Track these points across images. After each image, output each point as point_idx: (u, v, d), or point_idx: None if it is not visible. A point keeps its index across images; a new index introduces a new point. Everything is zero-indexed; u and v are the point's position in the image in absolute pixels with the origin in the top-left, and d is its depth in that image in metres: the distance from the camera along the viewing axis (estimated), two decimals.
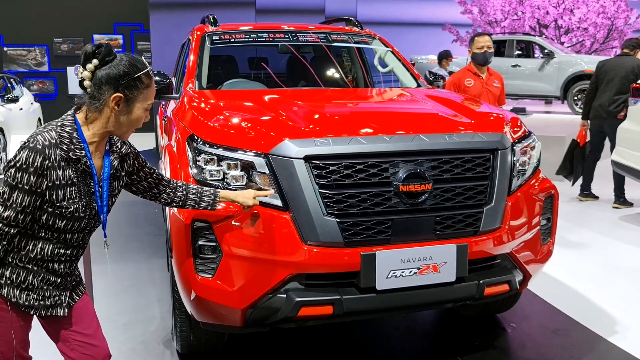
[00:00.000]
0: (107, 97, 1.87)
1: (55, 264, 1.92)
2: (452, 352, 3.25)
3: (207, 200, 2.37)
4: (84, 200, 1.91)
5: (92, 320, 2.09)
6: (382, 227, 2.54)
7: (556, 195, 3.14)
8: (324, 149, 2.52)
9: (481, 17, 19.18)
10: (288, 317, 2.51)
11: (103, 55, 1.86)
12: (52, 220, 1.86)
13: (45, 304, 1.92)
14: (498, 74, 5.14)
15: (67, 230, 1.90)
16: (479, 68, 4.96)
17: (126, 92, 1.89)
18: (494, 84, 4.98)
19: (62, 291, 1.97)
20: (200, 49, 4.08)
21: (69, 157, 1.85)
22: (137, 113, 1.94)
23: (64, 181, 1.84)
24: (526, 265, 2.91)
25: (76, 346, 2.02)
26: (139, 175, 2.18)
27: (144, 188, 2.23)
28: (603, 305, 3.89)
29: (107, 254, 4.95)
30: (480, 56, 4.89)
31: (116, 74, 1.87)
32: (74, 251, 1.97)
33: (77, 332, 2.02)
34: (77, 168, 1.88)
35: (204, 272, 2.54)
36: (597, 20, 17.53)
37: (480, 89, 4.88)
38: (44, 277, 1.91)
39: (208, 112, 3.05)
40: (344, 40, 4.60)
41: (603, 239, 5.41)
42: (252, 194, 2.42)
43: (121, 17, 14.51)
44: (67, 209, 1.86)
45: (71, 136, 1.87)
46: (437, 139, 2.68)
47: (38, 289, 1.90)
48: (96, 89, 1.87)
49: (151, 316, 3.72)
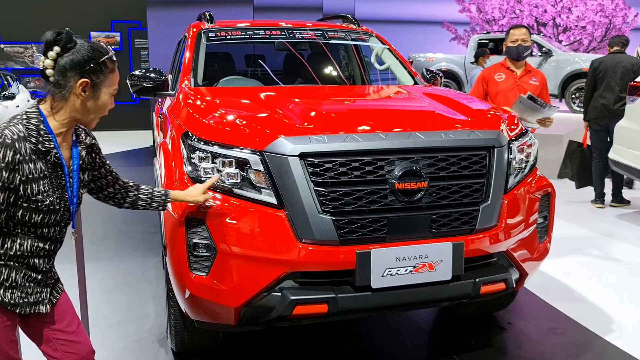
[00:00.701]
0: (73, 84, 1.85)
1: (35, 259, 1.91)
2: (448, 351, 3.24)
3: (158, 200, 2.35)
4: (57, 192, 1.89)
5: (74, 318, 2.07)
6: (378, 225, 2.53)
7: (553, 193, 3.12)
8: (319, 146, 2.50)
9: (479, 15, 19.19)
10: (283, 316, 2.50)
11: (65, 42, 1.83)
12: (29, 216, 1.83)
13: (29, 301, 1.90)
14: (539, 72, 4.71)
15: (44, 224, 1.88)
16: (514, 63, 4.55)
17: (92, 77, 1.87)
18: (530, 81, 4.53)
19: (43, 287, 1.96)
20: (196, 46, 4.05)
21: (38, 149, 1.83)
22: (104, 98, 1.93)
23: (36, 174, 1.82)
24: (522, 264, 2.89)
25: (59, 345, 2.00)
26: (100, 172, 2.16)
27: (101, 186, 2.20)
28: (599, 303, 3.88)
29: (104, 251, 4.93)
30: (513, 50, 4.49)
31: (80, 59, 1.84)
32: (52, 245, 1.95)
33: (59, 330, 2.00)
34: (47, 160, 1.86)
35: (198, 270, 2.52)
36: (595, 19, 17.55)
37: (511, 84, 4.49)
38: (25, 274, 1.89)
39: (203, 109, 3.03)
40: (340, 38, 4.58)
41: (600, 238, 5.40)
42: (201, 190, 2.44)
43: (118, 14, 14.46)
44: (43, 203, 1.84)
45: (38, 128, 1.85)
46: (434, 137, 2.67)
47: (21, 286, 1.88)
48: (60, 76, 1.84)
49: (146, 314, 3.70)
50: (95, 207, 6.40)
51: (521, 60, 4.55)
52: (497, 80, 4.55)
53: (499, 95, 4.51)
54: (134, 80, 3.73)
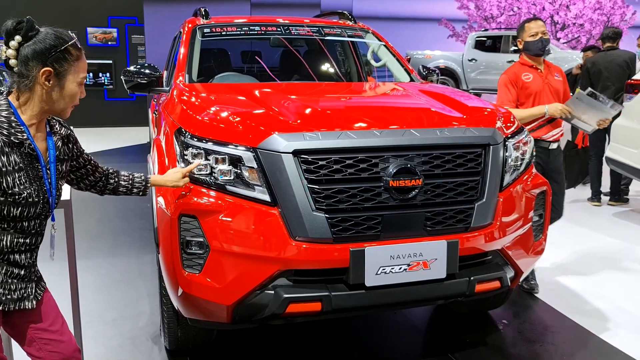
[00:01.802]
0: (36, 73, 1.81)
1: (16, 255, 1.89)
2: (443, 349, 3.23)
3: (138, 186, 2.36)
4: (34, 184, 1.86)
5: (58, 316, 2.05)
6: (372, 222, 2.51)
7: (548, 191, 3.11)
8: (313, 143, 2.48)
9: (477, 12, 19.19)
10: (276, 314, 2.48)
11: (25, 31, 1.80)
12: (7, 210, 1.81)
13: (13, 298, 1.88)
14: (557, 66, 4.23)
15: (24, 217, 1.86)
16: (535, 59, 4.02)
17: (55, 65, 1.83)
18: (555, 77, 4.09)
19: (27, 283, 1.93)
20: (191, 42, 4.03)
21: (11, 141, 1.80)
22: (71, 87, 1.88)
23: (10, 167, 1.79)
24: (518, 262, 2.88)
25: (43, 345, 1.98)
26: (79, 162, 2.14)
27: (81, 175, 2.18)
28: (595, 302, 3.88)
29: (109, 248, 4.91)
30: (536, 44, 3.95)
31: (42, 48, 1.81)
32: (33, 239, 1.93)
33: (43, 329, 1.98)
34: (21, 152, 1.83)
35: (191, 267, 2.51)
36: (593, 17, 17.56)
37: (540, 84, 3.99)
38: (7, 270, 1.87)
39: (197, 106, 3.01)
40: (337, 34, 4.56)
41: (597, 236, 5.39)
42: (180, 175, 2.45)
43: (115, 10, 14.39)
44: (20, 195, 1.81)
45: (9, 120, 1.82)
46: (429, 134, 2.65)
47: (3, 283, 1.86)
48: (23, 66, 1.81)
49: (140, 312, 3.69)
50: (90, 204, 6.37)
51: (545, 55, 4.11)
52: (526, 82, 3.99)
53: (533, 97, 3.97)
54: (129, 76, 3.71)
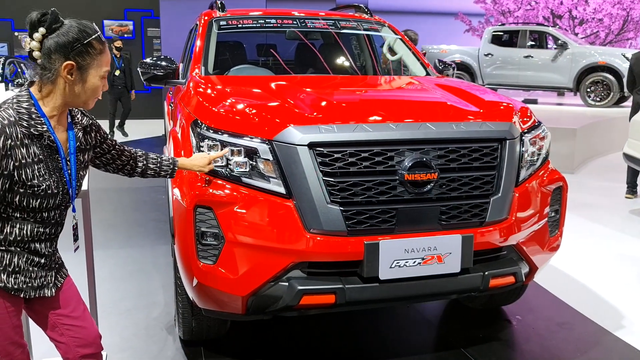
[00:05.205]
0: (59, 66, 1.80)
1: (37, 244, 1.90)
2: (456, 344, 3.22)
3: (166, 169, 2.37)
4: (54, 176, 1.86)
5: (79, 303, 2.07)
6: (387, 216, 2.51)
7: (565, 186, 3.09)
8: (328, 136, 2.48)
9: (494, 6, 19.01)
10: (290, 306, 2.49)
11: (50, 23, 1.79)
12: (26, 201, 1.82)
13: (33, 285, 1.90)
14: None
15: (43, 208, 1.86)
16: None
17: (78, 59, 1.81)
18: None
19: (47, 271, 1.95)
20: (207, 34, 4.04)
21: (30, 133, 1.80)
22: (93, 81, 1.87)
23: (29, 159, 1.79)
24: (533, 257, 2.86)
25: (65, 330, 2.00)
26: (102, 148, 2.14)
27: (107, 160, 2.18)
28: (609, 298, 3.85)
29: (116, 239, 4.96)
30: None
31: (65, 41, 1.79)
32: (53, 229, 1.94)
33: (65, 315, 2.00)
34: (41, 144, 1.83)
35: (206, 258, 2.52)
36: (612, 11, 17.31)
37: None
38: (28, 258, 1.89)
39: (213, 98, 3.02)
40: (352, 27, 4.54)
41: (612, 232, 5.35)
42: (206, 160, 2.47)
43: (131, 3, 14.48)
44: (39, 187, 1.82)
45: (29, 112, 1.81)
46: (445, 128, 2.64)
47: (24, 271, 1.88)
48: (46, 58, 1.80)
49: (154, 302, 3.72)
50: (106, 195, 6.43)
51: None
52: None
53: None
54: (145, 68, 3.74)
